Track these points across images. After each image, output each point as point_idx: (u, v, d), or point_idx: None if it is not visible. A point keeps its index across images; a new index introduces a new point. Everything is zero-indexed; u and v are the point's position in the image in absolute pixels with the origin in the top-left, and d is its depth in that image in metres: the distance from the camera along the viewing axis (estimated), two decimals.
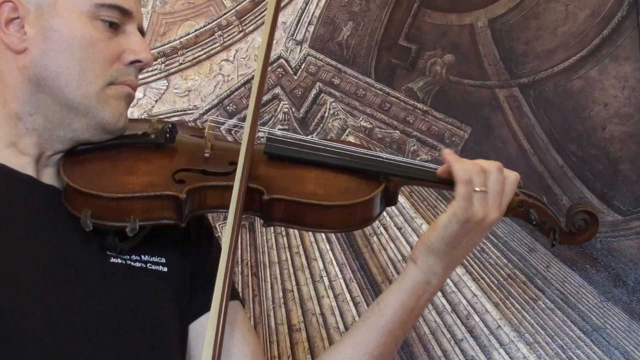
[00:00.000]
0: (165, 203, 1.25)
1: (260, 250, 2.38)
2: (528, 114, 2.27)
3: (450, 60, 2.37)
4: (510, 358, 2.14)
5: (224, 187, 1.29)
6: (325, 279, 2.33)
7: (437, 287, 1.36)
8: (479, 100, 2.32)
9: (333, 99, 2.46)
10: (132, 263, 1.30)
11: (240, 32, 2.55)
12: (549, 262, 2.15)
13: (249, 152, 1.29)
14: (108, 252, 1.28)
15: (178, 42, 2.57)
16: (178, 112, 2.52)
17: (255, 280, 2.35)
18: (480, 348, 2.17)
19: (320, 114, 2.46)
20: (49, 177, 1.31)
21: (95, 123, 1.29)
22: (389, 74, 2.42)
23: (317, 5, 2.49)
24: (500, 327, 2.16)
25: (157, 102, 2.55)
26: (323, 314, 2.30)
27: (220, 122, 1.49)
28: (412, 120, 2.39)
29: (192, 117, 2.52)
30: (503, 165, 1.33)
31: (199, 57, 2.56)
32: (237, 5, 2.56)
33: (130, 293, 1.28)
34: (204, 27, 2.57)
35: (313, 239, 2.35)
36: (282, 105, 2.49)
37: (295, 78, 2.48)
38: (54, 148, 1.31)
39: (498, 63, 2.32)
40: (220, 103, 2.53)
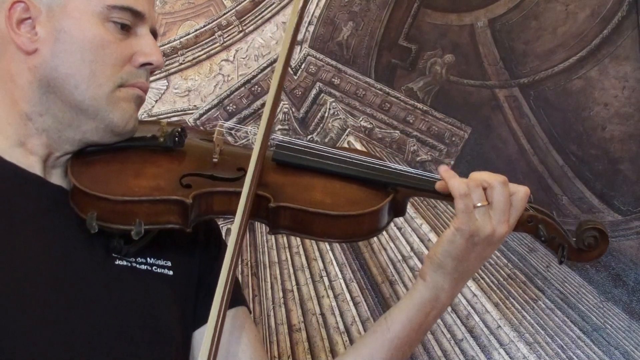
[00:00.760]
0: (171, 207, 1.24)
1: (260, 250, 2.38)
2: (528, 114, 2.27)
3: (450, 60, 2.37)
4: (510, 358, 2.14)
5: (231, 193, 1.27)
6: (325, 279, 2.33)
7: (445, 303, 1.34)
8: (479, 100, 2.32)
9: (333, 99, 2.45)
10: (137, 265, 1.29)
11: (240, 32, 2.55)
12: (549, 262, 2.15)
13: (259, 162, 1.27)
14: (113, 254, 1.27)
15: (178, 42, 2.57)
16: (178, 112, 2.52)
17: (255, 280, 2.34)
18: (480, 348, 2.16)
19: (320, 114, 2.46)
20: (57, 177, 1.31)
21: (104, 125, 1.28)
22: (389, 74, 2.42)
23: (317, 5, 2.49)
24: (500, 327, 2.16)
25: (157, 102, 2.55)
26: (323, 314, 2.30)
27: (233, 127, 1.48)
28: (412, 120, 2.39)
29: (192, 117, 2.52)
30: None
31: (199, 57, 2.56)
32: (237, 5, 2.56)
33: (134, 295, 1.28)
34: (204, 27, 2.57)
35: None
36: (282, 105, 2.49)
37: (295, 78, 2.48)
38: (63, 149, 1.30)
39: (498, 63, 2.32)
40: (220, 103, 2.53)
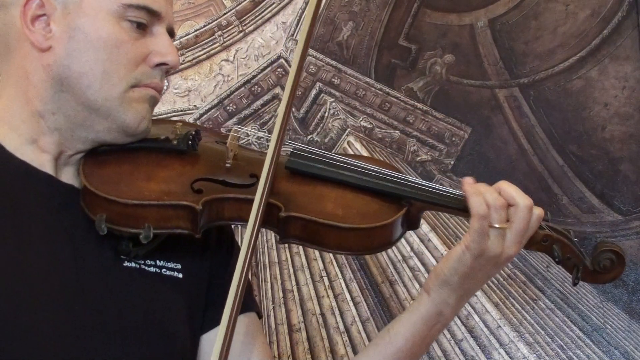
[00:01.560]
0: (181, 213, 1.23)
1: (260, 250, 2.38)
2: (528, 114, 2.27)
3: (450, 60, 2.37)
4: (510, 358, 2.14)
5: (243, 200, 1.25)
6: (325, 279, 2.33)
7: (449, 318, 1.32)
8: (479, 100, 2.32)
9: (333, 99, 2.45)
10: (146, 267, 1.28)
11: (240, 32, 2.55)
12: (549, 262, 2.15)
13: (272, 172, 1.25)
14: (122, 256, 1.26)
15: (178, 42, 2.56)
16: (178, 112, 2.52)
17: (255, 280, 2.34)
18: (480, 348, 2.16)
19: (320, 114, 2.46)
20: (69, 176, 1.30)
21: (117, 126, 1.27)
22: (389, 74, 2.42)
23: None
24: (500, 327, 2.16)
25: None
26: (323, 314, 2.30)
27: (247, 133, 1.46)
28: (412, 120, 2.39)
29: (192, 117, 2.52)
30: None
31: (199, 57, 2.56)
32: (237, 5, 2.56)
33: (142, 298, 1.26)
34: (204, 27, 2.57)
35: None
36: None
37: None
38: (75, 148, 1.29)
39: (498, 63, 2.32)
40: (220, 103, 2.53)
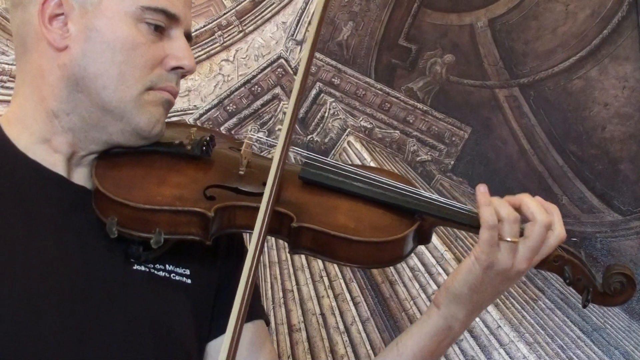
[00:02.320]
0: (192, 219, 1.22)
1: None
2: (528, 114, 2.27)
3: (450, 60, 2.37)
4: (510, 358, 2.14)
5: (254, 208, 1.23)
6: (325, 279, 2.33)
7: (458, 332, 1.31)
8: (479, 100, 2.32)
9: (333, 99, 2.45)
10: (155, 272, 1.27)
11: (240, 32, 2.55)
12: None
13: (277, 180, 1.23)
14: (132, 259, 1.26)
15: None
16: (178, 112, 2.52)
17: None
18: (480, 348, 2.16)
19: (320, 114, 2.46)
20: (81, 177, 1.29)
21: (131, 128, 1.26)
22: (389, 74, 2.42)
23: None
24: (500, 327, 2.16)
25: None
26: (323, 314, 2.30)
27: (261, 140, 1.45)
28: (412, 120, 2.39)
29: (192, 117, 2.52)
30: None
31: (199, 57, 2.56)
32: (237, 5, 2.56)
33: (150, 302, 1.26)
34: (204, 27, 2.57)
35: None
36: (282, 105, 2.49)
37: (295, 78, 2.48)
38: (88, 149, 1.28)
39: (498, 63, 2.32)
40: (220, 103, 2.53)
